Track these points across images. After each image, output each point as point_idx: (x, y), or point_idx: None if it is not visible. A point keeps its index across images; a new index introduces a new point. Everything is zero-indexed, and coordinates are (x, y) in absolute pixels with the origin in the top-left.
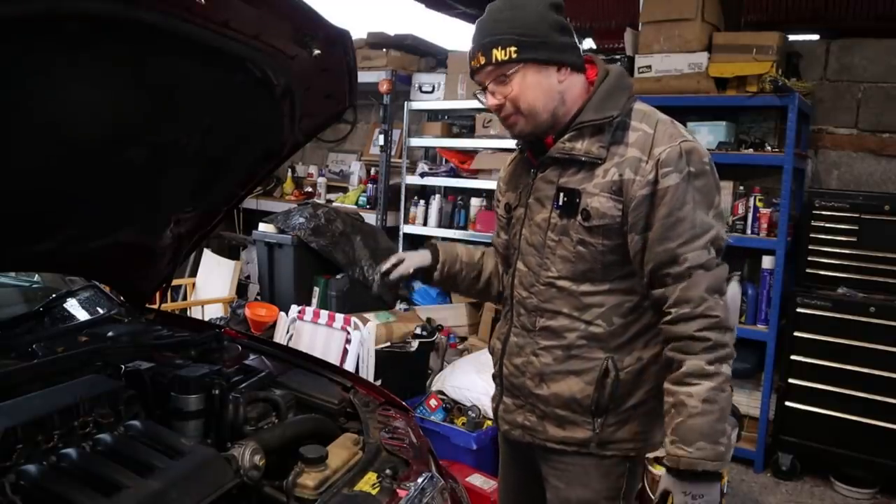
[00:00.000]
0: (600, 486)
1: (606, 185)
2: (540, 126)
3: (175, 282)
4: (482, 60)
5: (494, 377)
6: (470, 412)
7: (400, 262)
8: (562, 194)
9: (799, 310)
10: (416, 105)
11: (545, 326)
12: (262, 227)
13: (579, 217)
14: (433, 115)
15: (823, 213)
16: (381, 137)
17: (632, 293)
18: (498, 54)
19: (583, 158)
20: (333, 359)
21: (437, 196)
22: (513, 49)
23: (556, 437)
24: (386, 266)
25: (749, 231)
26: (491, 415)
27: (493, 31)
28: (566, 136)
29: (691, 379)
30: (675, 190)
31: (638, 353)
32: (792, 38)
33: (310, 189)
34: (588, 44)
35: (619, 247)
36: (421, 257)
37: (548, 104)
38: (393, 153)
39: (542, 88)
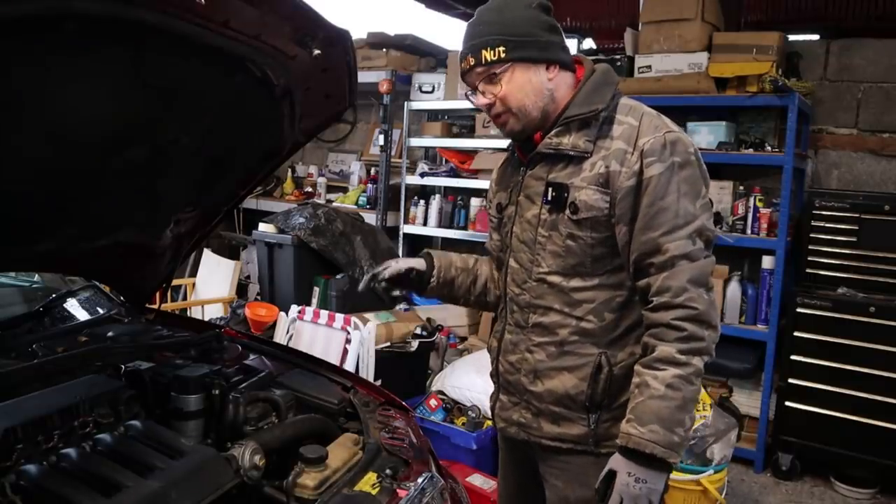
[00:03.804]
0: None
1: (593, 177)
2: (530, 124)
3: (175, 282)
4: (471, 62)
5: (492, 375)
6: (470, 412)
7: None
8: (550, 189)
9: (799, 310)
10: (416, 105)
11: (538, 323)
12: (262, 227)
13: (567, 211)
14: (433, 115)
15: (823, 213)
16: (381, 137)
17: (621, 288)
18: (487, 55)
19: (570, 153)
20: (333, 359)
21: (437, 196)
22: (501, 49)
23: (550, 433)
24: (378, 269)
25: (749, 231)
26: (490, 414)
27: (481, 32)
28: (553, 132)
29: (659, 364)
30: (659, 179)
31: (630, 349)
32: (792, 38)
33: (310, 189)
34: (588, 44)
35: (608, 239)
36: (415, 261)
37: (537, 102)
38: (393, 153)
39: (532, 86)
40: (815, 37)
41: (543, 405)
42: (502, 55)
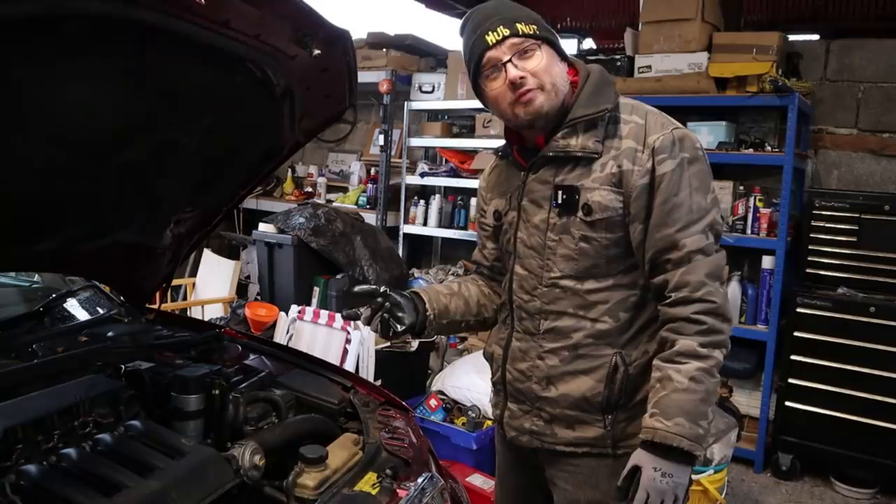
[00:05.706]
0: (608, 487)
1: (606, 178)
2: (554, 108)
3: (175, 282)
4: (505, 32)
5: (496, 383)
6: (470, 412)
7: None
8: (560, 192)
9: (799, 310)
10: (416, 105)
11: (550, 328)
12: (262, 227)
13: (580, 213)
14: (433, 115)
15: (823, 213)
16: (381, 137)
17: (634, 287)
18: (522, 27)
19: (579, 154)
20: (333, 359)
21: (437, 196)
22: (535, 26)
23: (565, 438)
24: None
25: (749, 231)
26: (491, 415)
27: (510, 7)
28: (559, 134)
29: (681, 358)
30: (671, 176)
31: (644, 347)
32: (792, 38)
33: (310, 189)
34: (588, 44)
35: (622, 239)
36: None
37: (563, 87)
38: (393, 153)
39: (560, 69)
40: (815, 37)
41: (557, 410)
42: (536, 31)
